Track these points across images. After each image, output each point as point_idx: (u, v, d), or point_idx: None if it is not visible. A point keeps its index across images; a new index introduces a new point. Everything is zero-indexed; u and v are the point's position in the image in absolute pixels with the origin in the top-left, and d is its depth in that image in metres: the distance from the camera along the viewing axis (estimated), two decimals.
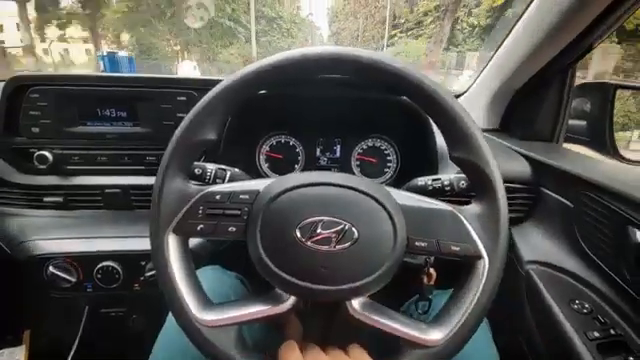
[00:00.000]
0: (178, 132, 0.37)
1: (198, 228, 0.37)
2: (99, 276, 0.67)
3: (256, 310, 0.36)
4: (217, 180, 0.52)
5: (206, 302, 0.37)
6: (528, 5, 0.69)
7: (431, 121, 0.69)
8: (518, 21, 0.73)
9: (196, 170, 0.51)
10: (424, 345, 0.35)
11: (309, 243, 0.34)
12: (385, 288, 0.37)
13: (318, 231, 0.34)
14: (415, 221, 0.36)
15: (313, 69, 0.37)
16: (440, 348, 0.35)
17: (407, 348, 0.35)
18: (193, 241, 0.40)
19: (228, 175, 0.53)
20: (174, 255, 0.36)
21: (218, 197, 0.37)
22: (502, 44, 0.78)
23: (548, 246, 0.65)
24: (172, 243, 0.36)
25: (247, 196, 0.37)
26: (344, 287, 0.34)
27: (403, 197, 0.37)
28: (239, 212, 0.37)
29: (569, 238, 0.62)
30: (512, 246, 0.69)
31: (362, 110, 0.78)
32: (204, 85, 0.67)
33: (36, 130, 0.66)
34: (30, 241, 0.67)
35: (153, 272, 0.67)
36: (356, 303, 0.36)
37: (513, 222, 0.71)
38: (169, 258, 0.36)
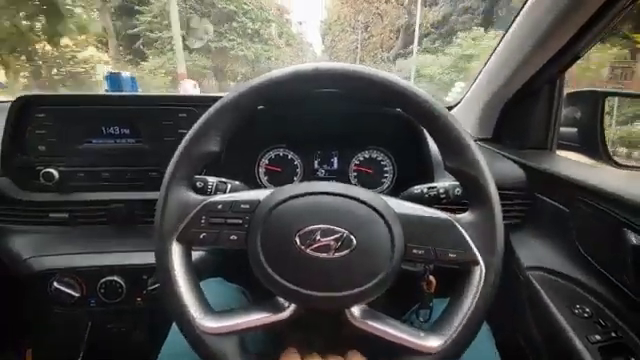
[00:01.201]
0: (183, 144, 0.39)
1: (201, 237, 0.38)
2: (102, 291, 0.67)
3: (257, 318, 0.37)
4: (218, 192, 0.53)
5: (208, 310, 0.38)
6: (516, 16, 0.72)
7: (424, 132, 0.71)
8: (507, 32, 0.76)
9: (197, 183, 0.53)
10: (423, 352, 0.35)
11: (308, 251, 0.35)
12: (386, 297, 0.38)
13: (317, 239, 0.35)
14: (412, 229, 0.37)
15: (311, 85, 0.39)
16: (439, 355, 0.35)
17: (406, 356, 0.36)
18: (194, 255, 0.41)
19: (229, 187, 0.54)
20: (177, 263, 0.37)
21: (220, 207, 0.38)
22: (492, 55, 0.81)
23: (546, 251, 0.66)
24: (175, 251, 0.37)
25: (248, 205, 0.38)
26: (343, 294, 0.35)
27: (400, 205, 0.38)
28: (240, 221, 0.38)
29: (566, 243, 0.63)
30: (511, 252, 0.69)
31: (358, 123, 0.79)
32: (205, 102, 0.69)
33: (42, 148, 0.68)
34: (35, 257, 0.68)
35: (156, 286, 0.68)
36: (355, 310, 0.37)
37: (511, 229, 0.71)
38: (172, 266, 0.37)
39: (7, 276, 0.68)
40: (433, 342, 0.35)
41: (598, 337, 0.51)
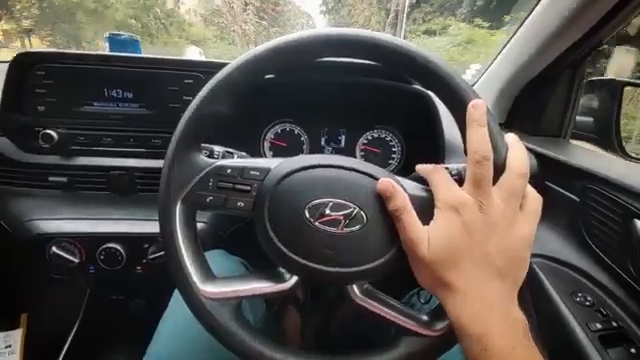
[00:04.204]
0: (196, 101, 0.37)
1: (207, 200, 0.36)
2: (102, 257, 0.66)
3: (258, 286, 0.37)
4: None
5: (210, 275, 0.37)
6: (539, 0, 0.69)
7: (438, 111, 0.69)
8: (529, 15, 0.73)
9: (204, 151, 0.51)
10: (424, 335, 0.35)
11: (317, 224, 0.34)
12: (388, 277, 0.37)
13: (327, 212, 0.34)
14: (423, 209, 0.36)
15: (321, 50, 0.36)
16: (440, 338, 0.35)
17: (407, 337, 0.36)
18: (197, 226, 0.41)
19: (235, 157, 0.53)
20: (181, 225, 0.36)
21: (229, 171, 0.37)
22: (512, 38, 0.78)
23: (552, 240, 0.65)
24: (180, 213, 0.36)
25: (258, 173, 0.37)
26: (349, 270, 0.34)
27: (411, 185, 0.37)
28: (249, 188, 0.36)
29: (574, 232, 0.62)
30: None
31: (368, 100, 0.77)
32: (212, 68, 0.67)
33: (42, 108, 0.65)
34: (33, 220, 0.66)
35: (156, 255, 0.67)
36: (359, 289, 0.37)
37: None
38: (177, 227, 0.36)
39: (6, 239, 0.67)
40: (436, 325, 0.35)
41: (599, 326, 0.51)
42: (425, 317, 0.36)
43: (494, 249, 0.30)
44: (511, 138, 0.34)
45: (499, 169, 0.32)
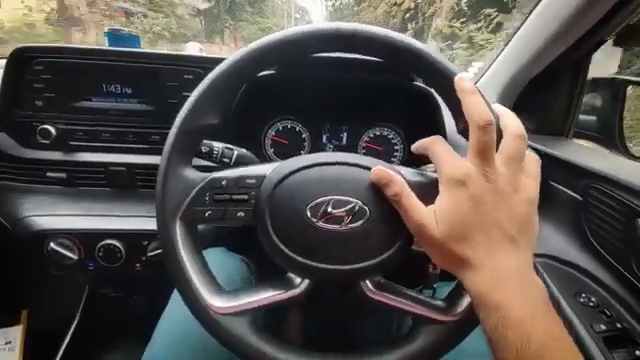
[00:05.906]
0: (179, 119, 0.36)
1: (206, 215, 0.36)
2: (101, 254, 0.66)
3: (269, 295, 0.36)
4: (224, 159, 0.51)
5: (218, 289, 0.37)
6: None
7: (440, 108, 0.68)
8: (531, 12, 0.72)
9: (203, 148, 0.51)
10: (444, 321, 0.35)
11: (320, 223, 0.34)
12: (390, 277, 0.37)
13: (329, 210, 0.34)
14: (425, 194, 0.35)
15: (312, 46, 0.35)
16: (460, 323, 0.34)
17: (426, 326, 0.35)
18: None
19: (235, 154, 0.52)
20: (183, 243, 0.36)
21: (224, 182, 0.36)
22: (514, 36, 0.77)
23: (556, 240, 0.65)
24: (180, 231, 0.36)
25: (254, 180, 0.36)
26: (359, 266, 0.34)
27: (408, 172, 0.37)
28: (246, 197, 0.36)
29: (577, 232, 0.62)
30: None
31: (370, 97, 0.77)
32: (211, 63, 0.66)
33: (40, 103, 0.65)
34: (31, 217, 0.66)
35: (155, 252, 0.67)
36: (371, 283, 0.36)
37: None
38: (179, 247, 0.35)
39: (4, 235, 0.67)
40: (453, 310, 0.35)
41: (603, 327, 0.51)
42: (441, 303, 0.36)
43: (504, 217, 0.29)
44: (499, 107, 0.33)
45: (496, 136, 0.31)
